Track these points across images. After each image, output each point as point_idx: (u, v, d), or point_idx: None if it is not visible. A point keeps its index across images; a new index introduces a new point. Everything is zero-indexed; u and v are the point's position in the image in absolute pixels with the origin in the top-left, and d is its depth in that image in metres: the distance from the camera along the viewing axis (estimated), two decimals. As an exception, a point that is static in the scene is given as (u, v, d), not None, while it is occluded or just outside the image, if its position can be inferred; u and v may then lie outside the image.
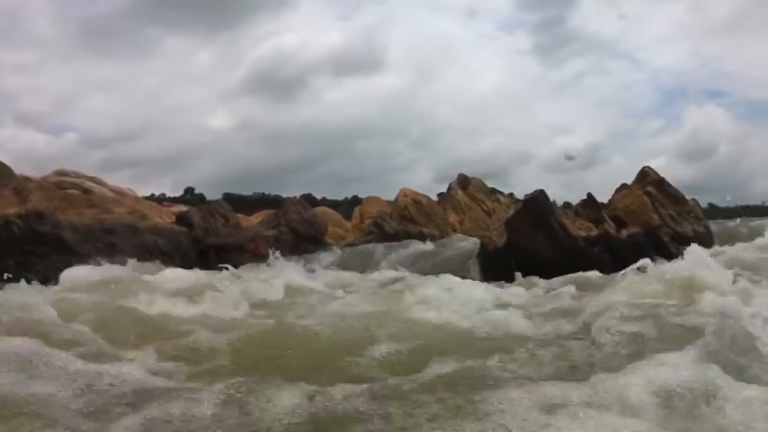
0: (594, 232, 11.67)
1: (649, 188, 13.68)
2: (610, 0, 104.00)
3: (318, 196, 32.25)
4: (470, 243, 12.33)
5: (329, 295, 6.62)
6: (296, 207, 15.35)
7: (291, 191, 40.56)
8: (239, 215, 18.99)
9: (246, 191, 38.30)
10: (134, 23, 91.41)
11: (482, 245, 11.30)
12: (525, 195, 12.19)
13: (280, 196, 23.69)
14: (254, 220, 17.76)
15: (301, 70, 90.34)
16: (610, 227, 11.94)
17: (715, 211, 29.18)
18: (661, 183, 14.13)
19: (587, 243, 11.31)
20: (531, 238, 10.90)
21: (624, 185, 13.80)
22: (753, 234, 13.44)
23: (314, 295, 6.56)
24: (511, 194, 18.05)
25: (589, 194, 12.80)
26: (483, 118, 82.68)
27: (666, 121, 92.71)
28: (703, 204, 33.31)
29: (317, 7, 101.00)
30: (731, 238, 13.25)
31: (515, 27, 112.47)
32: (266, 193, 27.38)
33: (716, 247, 12.42)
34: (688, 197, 14.47)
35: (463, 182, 15.72)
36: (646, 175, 14.21)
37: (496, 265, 10.92)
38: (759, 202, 27.59)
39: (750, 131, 76.85)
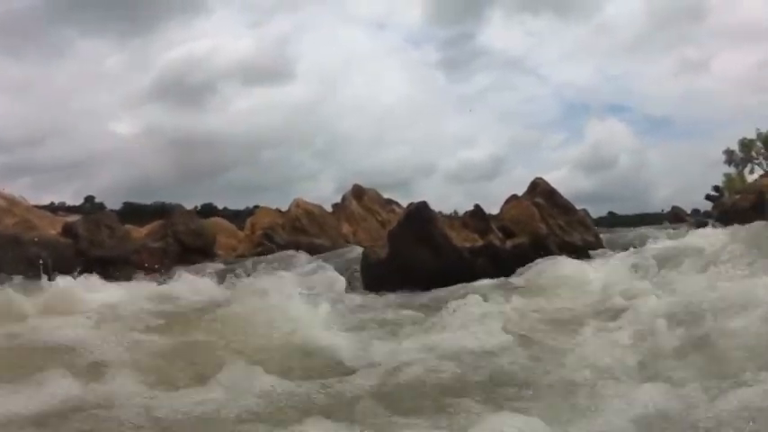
0: (479, 243, 11.62)
1: (538, 199, 13.78)
2: (518, 19, 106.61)
3: (220, 206, 31.43)
4: (358, 254, 12.08)
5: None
6: (183, 218, 14.79)
7: (193, 200, 39.41)
8: (130, 226, 18.18)
9: (149, 200, 36.90)
10: (46, 24, 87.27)
11: (364, 256, 11.07)
12: (408, 206, 12.04)
13: (181, 206, 22.90)
14: (143, 231, 17.02)
15: (211, 77, 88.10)
16: (495, 237, 11.91)
17: (615, 219, 30.35)
18: (551, 193, 14.27)
19: (471, 253, 11.24)
20: (414, 249, 10.73)
21: (513, 196, 13.87)
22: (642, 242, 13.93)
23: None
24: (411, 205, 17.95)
25: (476, 205, 12.78)
26: (388, 129, 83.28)
27: (569, 135, 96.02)
28: (603, 213, 34.70)
29: (231, 14, 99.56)
30: (623, 246, 13.66)
31: (424, 41, 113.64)
32: (167, 202, 26.44)
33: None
34: (587, 206, 14.75)
35: (358, 192, 15.51)
36: (536, 186, 14.33)
37: (379, 277, 10.72)
38: (658, 210, 28.63)
39: (649, 144, 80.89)
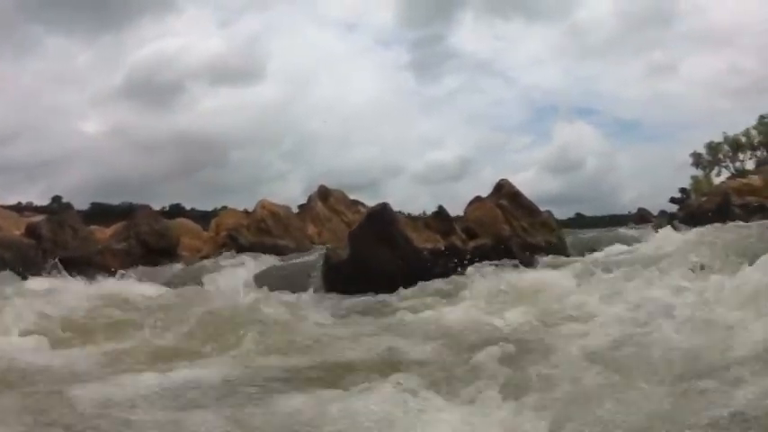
0: (441, 244, 11.66)
1: (502, 200, 13.86)
2: (489, 22, 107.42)
3: (188, 206, 31.11)
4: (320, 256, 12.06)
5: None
6: (146, 219, 14.65)
7: (162, 200, 38.98)
8: (95, 227, 17.98)
9: (117, 200, 36.38)
10: (15, 20, 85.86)
11: (326, 257, 11.05)
12: (370, 208, 12.07)
13: (149, 206, 22.75)
14: (108, 231, 16.83)
15: (180, 76, 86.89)
16: (458, 238, 11.97)
17: (582, 220, 30.72)
18: (515, 195, 14.36)
19: (433, 255, 11.27)
20: (375, 251, 10.74)
21: (477, 198, 13.93)
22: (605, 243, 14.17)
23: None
24: (379, 206, 17.98)
25: (440, 206, 12.82)
26: (356, 130, 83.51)
27: (537, 137, 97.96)
28: (570, 214, 35.15)
29: (202, 13, 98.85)
30: (588, 248, 13.87)
31: (394, 42, 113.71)
32: (135, 202, 26.06)
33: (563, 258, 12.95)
34: (555, 208, 14.89)
35: (323, 194, 15.48)
36: (501, 188, 14.41)
37: (340, 279, 10.72)
38: (626, 212, 28.94)
39: (617, 147, 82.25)
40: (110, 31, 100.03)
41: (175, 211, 26.75)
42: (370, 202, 17.98)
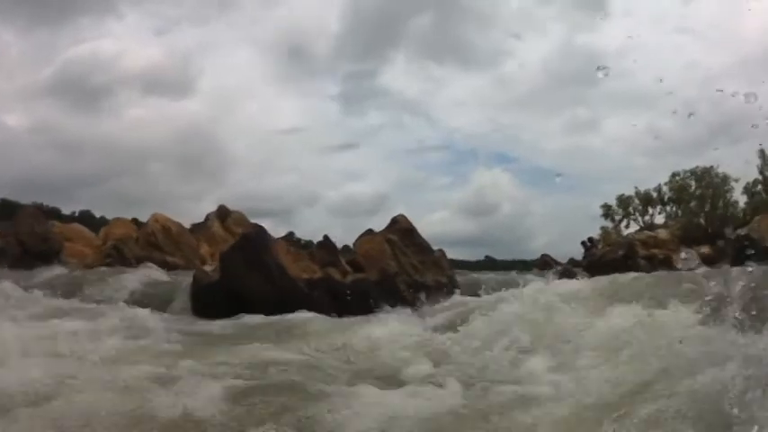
0: (318, 275, 11.62)
1: (393, 236, 13.90)
2: (421, 63, 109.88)
3: (98, 214, 30.25)
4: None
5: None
6: (29, 219, 14.13)
7: (74, 205, 37.88)
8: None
9: (29, 199, 35.13)
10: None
11: (195, 279, 10.87)
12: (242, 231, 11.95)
13: (58, 209, 22.33)
14: (-5, 229, 16.21)
15: (111, 81, 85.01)
16: (335, 271, 11.95)
17: (492, 263, 31.42)
18: (409, 232, 14.40)
19: (308, 285, 11.20)
20: (246, 274, 10.62)
21: (369, 231, 13.94)
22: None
23: None
24: (290, 234, 17.89)
25: (325, 236, 12.84)
26: (278, 156, 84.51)
27: (455, 179, 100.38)
28: (481, 256, 35.89)
29: (141, 20, 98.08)
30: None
31: (326, 73, 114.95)
32: (45, 204, 25.04)
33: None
34: (466, 249, 15.07)
35: (222, 214, 15.26)
36: (395, 223, 14.45)
37: (208, 300, 10.54)
38: (534, 257, 29.62)
39: (533, 195, 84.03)
40: (47, 26, 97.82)
41: (85, 217, 26.11)
42: (283, 229, 17.91)
